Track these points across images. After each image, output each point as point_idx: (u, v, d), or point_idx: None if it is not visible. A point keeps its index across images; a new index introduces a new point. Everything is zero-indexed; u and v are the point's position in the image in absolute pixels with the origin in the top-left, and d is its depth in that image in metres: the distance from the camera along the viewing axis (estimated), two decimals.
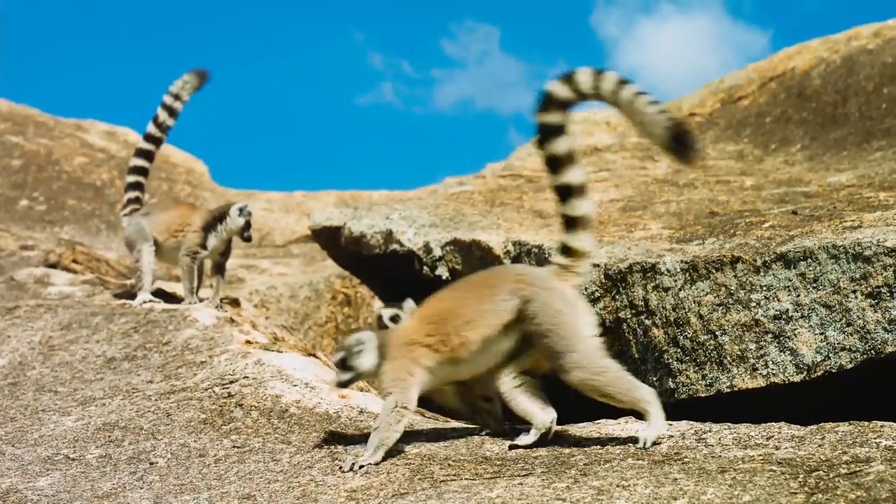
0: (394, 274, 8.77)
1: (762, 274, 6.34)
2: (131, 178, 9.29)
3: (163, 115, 9.23)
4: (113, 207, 16.77)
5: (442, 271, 8.15)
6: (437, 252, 8.19)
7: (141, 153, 9.33)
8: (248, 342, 7.30)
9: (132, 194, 9.27)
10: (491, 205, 9.06)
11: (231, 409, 6.14)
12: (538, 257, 7.42)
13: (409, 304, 7.03)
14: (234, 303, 9.08)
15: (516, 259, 7.65)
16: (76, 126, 19.18)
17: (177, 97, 9.26)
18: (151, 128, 9.28)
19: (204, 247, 8.71)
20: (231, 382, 6.51)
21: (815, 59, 12.06)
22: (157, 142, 9.33)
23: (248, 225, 8.60)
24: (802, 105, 11.29)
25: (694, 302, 6.48)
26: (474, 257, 7.94)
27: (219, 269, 8.88)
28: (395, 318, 6.93)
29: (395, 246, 8.48)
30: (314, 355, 7.12)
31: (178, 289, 9.35)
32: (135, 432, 6.07)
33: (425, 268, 8.24)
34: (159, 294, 9.06)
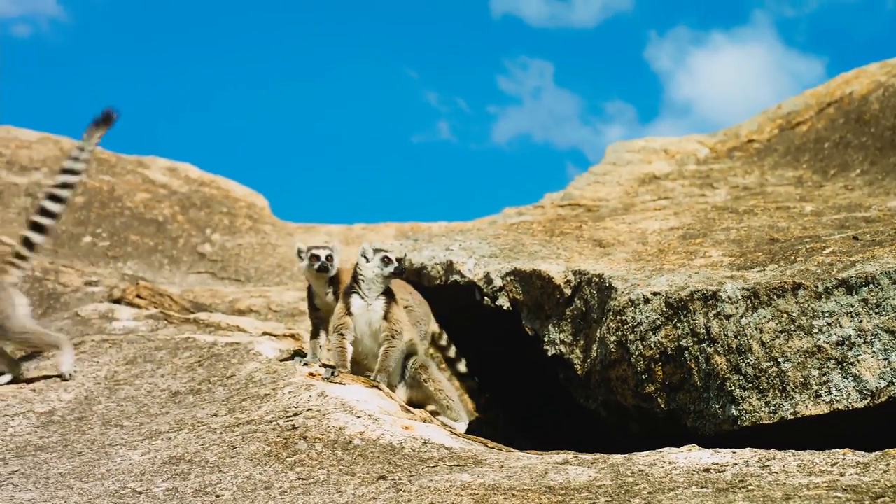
0: (455, 304, 8.80)
1: (824, 300, 6.32)
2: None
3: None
4: (175, 242, 16.93)
5: (503, 301, 8.16)
6: (498, 282, 8.20)
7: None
8: (311, 374, 7.34)
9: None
10: (550, 234, 9.07)
11: (295, 442, 6.17)
12: (599, 287, 7.43)
13: None
14: (294, 338, 9.13)
15: (577, 289, 7.66)
16: (138, 162, 19.37)
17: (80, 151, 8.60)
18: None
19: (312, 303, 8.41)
20: (295, 415, 6.54)
21: (872, 84, 11.99)
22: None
23: (312, 263, 8.16)
24: (861, 130, 11.22)
25: (756, 329, 6.46)
26: (535, 287, 7.95)
27: None
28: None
29: (455, 277, 8.50)
30: (377, 387, 7.14)
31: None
32: (200, 465, 6.11)
33: (486, 298, 8.25)
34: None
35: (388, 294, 7.53)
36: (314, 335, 8.02)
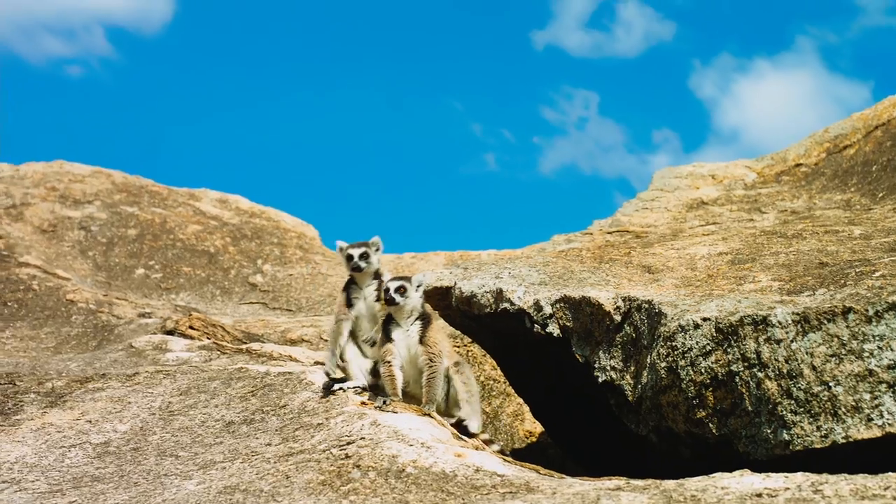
0: (505, 332, 8.82)
1: (874, 324, 6.31)
2: None
3: None
4: (227, 273, 17.06)
5: (553, 329, 8.18)
6: (548, 310, 8.22)
7: None
8: (363, 403, 7.39)
9: None
10: (599, 261, 9.09)
11: (349, 470, 6.22)
12: (649, 313, 7.44)
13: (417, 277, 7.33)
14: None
15: (627, 315, 7.67)
16: (189, 195, 19.56)
17: None
18: None
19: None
20: (348, 443, 6.59)
21: None
22: None
23: (348, 262, 8.27)
24: None
25: (806, 353, 6.45)
26: (584, 314, 7.97)
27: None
28: (400, 290, 7.56)
29: (505, 304, 8.52)
30: (429, 415, 7.18)
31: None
32: (255, 495, 6.16)
33: (536, 325, 8.27)
34: None
35: (425, 318, 7.69)
36: (334, 338, 8.14)
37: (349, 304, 8.16)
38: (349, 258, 8.10)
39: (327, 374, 7.90)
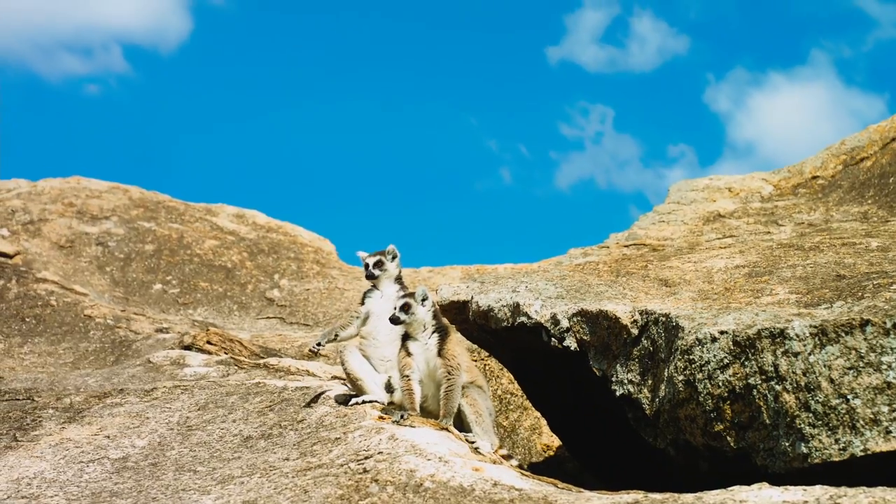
0: (522, 346, 8.82)
1: (892, 336, 6.29)
2: None
3: None
4: (244, 288, 17.10)
5: (570, 342, 8.18)
6: (565, 323, 8.22)
7: None
8: (381, 418, 7.39)
9: None
10: (616, 274, 9.08)
11: (367, 485, 6.22)
12: (666, 326, 7.44)
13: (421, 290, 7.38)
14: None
15: (644, 329, 7.67)
16: (206, 210, 19.61)
17: None
18: None
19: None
20: (366, 458, 6.59)
21: None
22: None
23: (365, 270, 8.47)
24: None
25: (824, 366, 6.43)
26: (602, 327, 7.97)
27: None
28: (405, 307, 7.64)
29: (522, 318, 8.53)
30: (446, 429, 7.18)
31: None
32: None
33: (553, 339, 8.27)
34: None
35: (442, 330, 7.71)
36: (338, 324, 8.41)
37: (361, 302, 8.37)
38: (365, 266, 8.31)
39: (318, 345, 8.08)
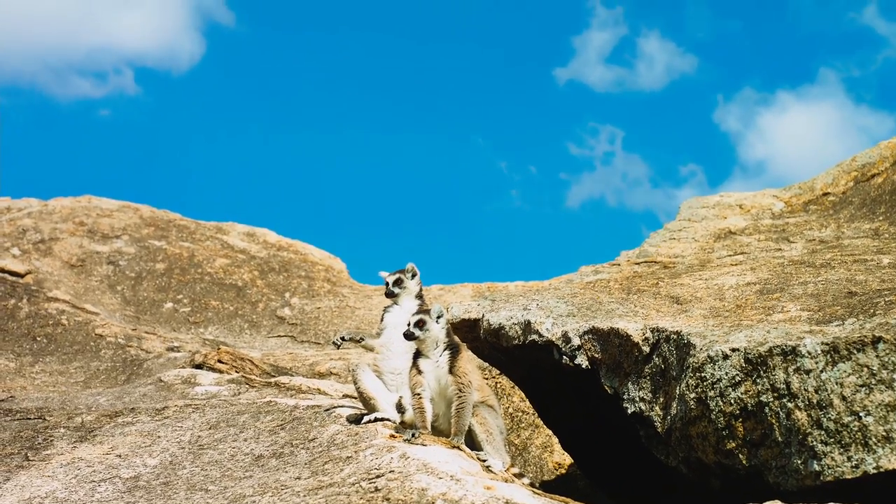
0: (533, 364, 8.82)
1: None
2: None
3: None
4: (255, 307, 17.12)
5: (581, 360, 8.17)
6: (576, 341, 8.22)
7: None
8: (392, 437, 7.39)
9: None
10: (627, 292, 9.08)
11: (378, 503, 6.21)
12: (677, 344, 7.43)
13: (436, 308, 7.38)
14: None
15: (655, 346, 7.66)
16: (216, 228, 19.63)
17: None
18: None
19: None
20: (377, 476, 6.58)
21: None
22: None
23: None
24: None
25: (836, 383, 6.42)
26: (613, 345, 7.96)
27: None
28: (419, 324, 7.63)
29: (533, 336, 8.52)
30: (458, 447, 7.18)
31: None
32: None
33: (564, 357, 8.27)
34: None
35: (453, 348, 7.70)
36: (368, 334, 8.50)
37: (381, 318, 8.45)
38: (385, 285, 8.44)
39: (341, 338, 8.28)
